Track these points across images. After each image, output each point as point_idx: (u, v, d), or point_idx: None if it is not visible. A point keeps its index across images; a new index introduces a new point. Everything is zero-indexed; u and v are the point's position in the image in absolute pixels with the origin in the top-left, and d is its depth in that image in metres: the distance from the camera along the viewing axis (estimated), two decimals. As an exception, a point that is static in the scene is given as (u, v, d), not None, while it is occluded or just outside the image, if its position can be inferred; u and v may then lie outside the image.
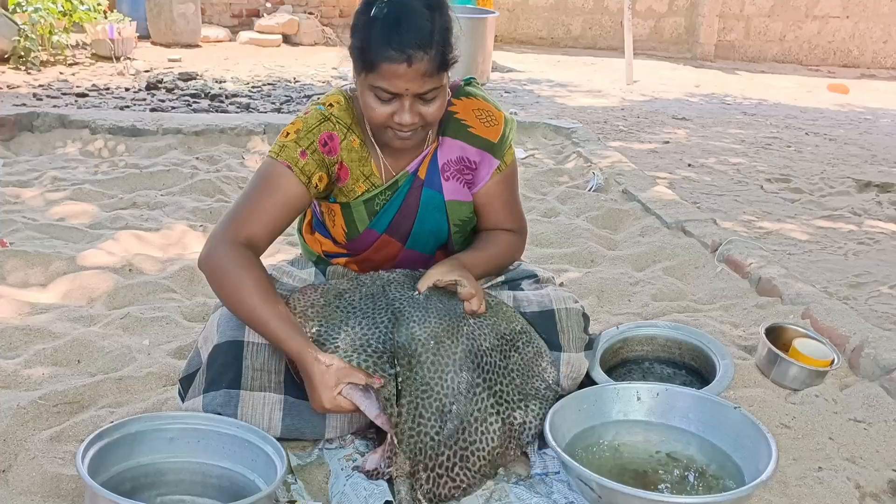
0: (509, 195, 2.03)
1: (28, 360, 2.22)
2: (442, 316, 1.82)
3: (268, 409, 1.81)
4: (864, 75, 10.53)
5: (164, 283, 2.77)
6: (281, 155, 1.84)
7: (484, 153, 1.95)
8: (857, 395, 2.22)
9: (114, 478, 1.63)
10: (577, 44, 10.64)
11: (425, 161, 1.93)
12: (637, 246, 3.41)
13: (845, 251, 3.65)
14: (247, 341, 1.81)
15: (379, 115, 1.75)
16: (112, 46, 7.54)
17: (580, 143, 4.99)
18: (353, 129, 1.88)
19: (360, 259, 2.02)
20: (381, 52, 1.66)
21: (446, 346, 1.78)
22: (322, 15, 10.11)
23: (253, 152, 4.62)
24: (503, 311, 1.91)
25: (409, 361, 1.73)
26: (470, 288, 1.84)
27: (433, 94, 1.74)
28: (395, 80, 1.68)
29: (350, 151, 1.88)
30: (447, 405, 1.72)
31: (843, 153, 5.76)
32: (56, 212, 3.44)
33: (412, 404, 1.69)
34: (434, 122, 1.82)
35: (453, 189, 1.96)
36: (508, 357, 1.85)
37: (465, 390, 1.76)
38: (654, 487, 1.78)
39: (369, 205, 1.92)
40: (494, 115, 1.95)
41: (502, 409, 1.79)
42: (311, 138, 1.85)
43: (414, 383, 1.71)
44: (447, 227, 1.98)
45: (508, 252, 2.03)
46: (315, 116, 1.87)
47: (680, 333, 2.33)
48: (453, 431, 1.71)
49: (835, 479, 1.85)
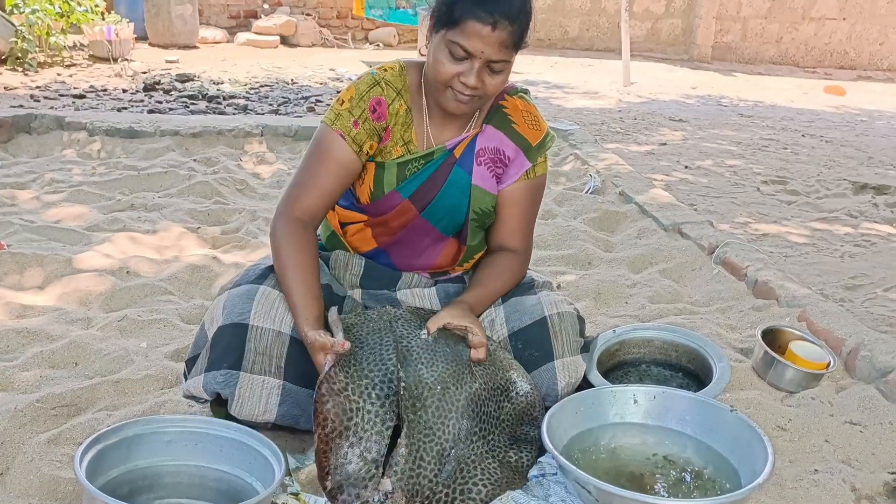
0: (529, 207, 2.07)
1: (25, 363, 2.22)
2: (449, 361, 1.84)
3: (265, 393, 1.82)
4: (861, 77, 10.56)
5: (161, 285, 2.77)
6: (336, 123, 1.92)
7: (519, 152, 2.01)
8: (853, 398, 2.23)
9: (111, 481, 1.63)
10: (574, 45, 10.66)
11: (464, 142, 1.99)
12: (634, 248, 3.42)
13: (841, 253, 3.66)
14: (251, 325, 1.82)
15: (446, 72, 1.81)
16: (109, 48, 7.54)
17: (577, 145, 5.00)
18: (403, 94, 1.95)
19: (376, 223, 2.04)
20: (471, 11, 1.75)
21: (451, 393, 1.79)
22: (320, 16, 10.11)
23: (250, 154, 4.63)
24: (500, 360, 1.93)
25: (415, 404, 1.74)
26: (481, 337, 1.87)
27: (502, 66, 1.82)
28: (475, 40, 1.76)
29: (395, 115, 1.95)
30: (447, 450, 1.74)
31: (839, 155, 5.77)
32: (53, 214, 3.44)
33: (414, 447, 1.70)
34: (492, 95, 1.90)
35: (482, 175, 2.01)
36: (501, 408, 1.88)
37: (465, 437, 1.78)
38: (651, 490, 1.79)
39: (401, 169, 1.98)
40: (539, 122, 2.04)
41: (496, 453, 1.82)
42: (363, 106, 1.92)
43: (418, 426, 1.73)
44: (466, 210, 2.01)
45: (512, 280, 2.06)
46: (366, 81, 1.95)
47: (676, 336, 2.34)
48: (451, 473, 1.73)
49: (831, 481, 1.86)
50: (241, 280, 1.94)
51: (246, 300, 1.86)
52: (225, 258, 3.04)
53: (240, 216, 3.59)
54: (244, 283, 1.92)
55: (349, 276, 2.09)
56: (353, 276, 2.09)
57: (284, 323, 1.85)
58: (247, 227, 3.44)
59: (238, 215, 3.60)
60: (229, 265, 2.96)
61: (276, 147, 4.75)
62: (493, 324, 2.01)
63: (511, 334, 1.99)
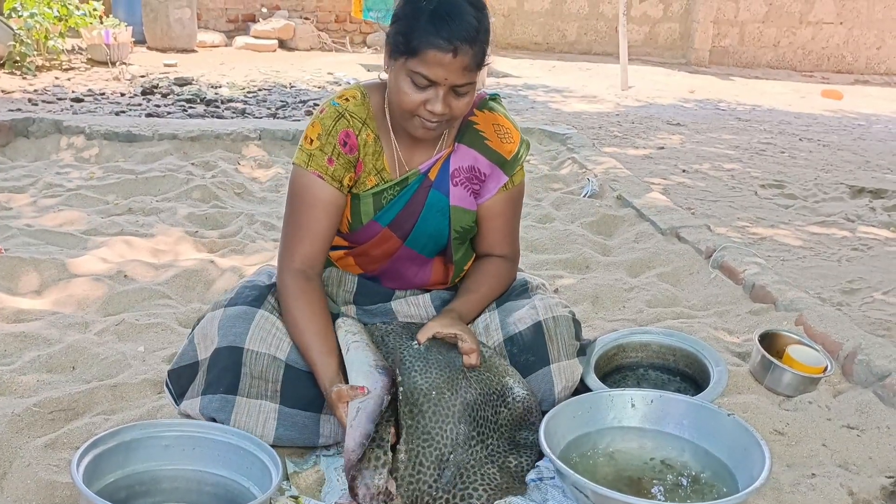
0: (511, 216, 2.06)
1: (22, 367, 2.22)
2: (442, 368, 1.84)
3: (262, 418, 1.82)
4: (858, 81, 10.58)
5: (158, 289, 2.77)
6: (311, 165, 1.90)
7: (495, 167, 1.99)
8: (850, 402, 2.23)
9: (109, 486, 1.63)
10: (572, 49, 10.68)
11: (437, 164, 1.97)
12: (631, 252, 3.42)
13: (839, 257, 3.66)
14: (247, 348, 1.82)
15: (410, 101, 1.79)
16: (108, 51, 7.54)
17: (575, 149, 5.00)
18: (368, 123, 1.93)
19: (359, 252, 2.04)
20: (429, 40, 1.73)
21: (447, 398, 1.80)
22: (318, 20, 10.12)
23: (248, 158, 4.63)
24: (495, 365, 1.93)
25: (411, 410, 1.75)
26: (471, 343, 1.86)
27: (466, 88, 1.80)
28: (436, 69, 1.74)
29: (364, 146, 1.93)
30: (446, 454, 1.75)
31: (836, 159, 5.78)
32: (51, 218, 3.44)
33: (413, 452, 1.71)
34: (460, 116, 1.87)
35: (460, 195, 1.99)
36: (499, 413, 1.88)
37: (463, 442, 1.78)
38: (649, 494, 1.79)
39: (377, 198, 1.96)
40: (512, 134, 2.01)
41: (496, 458, 1.82)
42: (333, 141, 1.90)
43: (416, 432, 1.73)
44: (448, 231, 2.00)
45: (501, 285, 2.06)
46: (330, 115, 1.91)
47: (674, 340, 2.34)
48: (450, 478, 1.73)
49: (828, 485, 1.86)
50: (236, 299, 1.92)
51: (242, 323, 1.86)
52: (222, 262, 3.04)
53: (238, 220, 3.59)
54: (240, 302, 1.90)
55: (343, 293, 2.09)
56: (346, 294, 2.09)
57: (280, 349, 1.85)
58: (245, 231, 3.44)
59: (236, 219, 3.60)
60: (227, 269, 2.95)
61: (275, 151, 4.75)
62: (487, 329, 2.01)
63: (506, 339, 1.99)
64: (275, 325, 1.87)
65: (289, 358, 1.85)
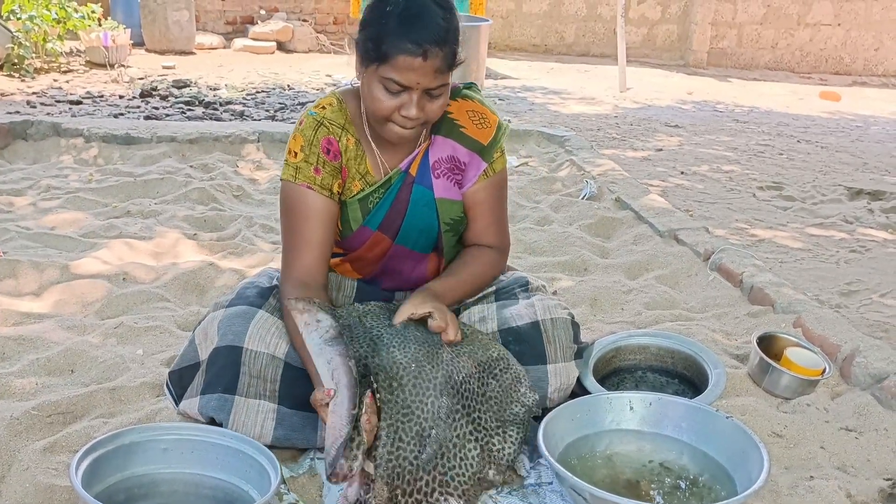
0: (495, 203, 2.05)
1: (21, 370, 2.22)
2: (421, 343, 1.83)
3: (260, 418, 1.82)
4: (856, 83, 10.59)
5: (157, 291, 2.77)
6: (298, 178, 1.90)
7: (473, 154, 1.98)
8: (849, 404, 2.23)
9: (107, 489, 1.64)
10: (570, 51, 10.68)
11: (417, 159, 1.97)
12: (630, 254, 3.42)
13: (837, 259, 3.66)
14: (245, 348, 1.83)
15: (384, 108, 1.78)
16: (106, 54, 7.54)
17: (573, 151, 5.01)
18: (347, 128, 1.93)
19: (354, 257, 2.04)
20: (398, 45, 1.71)
21: (426, 371, 1.77)
22: (316, 22, 10.12)
23: (247, 160, 4.63)
24: (479, 339, 1.93)
25: (391, 384, 1.73)
26: (440, 321, 1.84)
27: (440, 90, 1.79)
28: (408, 73, 1.73)
29: (346, 151, 1.92)
30: (427, 429, 1.72)
31: (834, 161, 5.79)
32: (50, 220, 3.44)
33: (392, 427, 1.68)
34: (435, 118, 1.86)
35: (444, 187, 1.99)
36: (486, 384, 1.86)
37: (445, 416, 1.76)
38: (647, 497, 1.79)
39: (363, 203, 1.96)
40: (488, 118, 1.99)
41: (480, 436, 1.80)
42: (316, 151, 1.90)
43: (395, 406, 1.71)
44: (437, 224, 2.00)
45: (486, 272, 2.04)
46: (309, 125, 1.91)
47: (672, 342, 2.34)
48: (432, 456, 1.70)
49: (826, 487, 1.86)
50: (236, 299, 1.93)
51: (242, 322, 1.86)
52: (221, 264, 3.04)
53: (236, 222, 3.59)
54: (241, 302, 1.91)
55: (341, 298, 2.09)
56: (345, 298, 2.09)
57: (279, 348, 1.85)
58: (243, 234, 3.44)
59: (235, 221, 3.60)
60: (226, 271, 2.95)
61: (273, 153, 4.75)
62: (483, 320, 2.02)
63: (501, 330, 1.99)
64: (275, 324, 1.87)
65: (288, 356, 1.85)
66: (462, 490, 1.71)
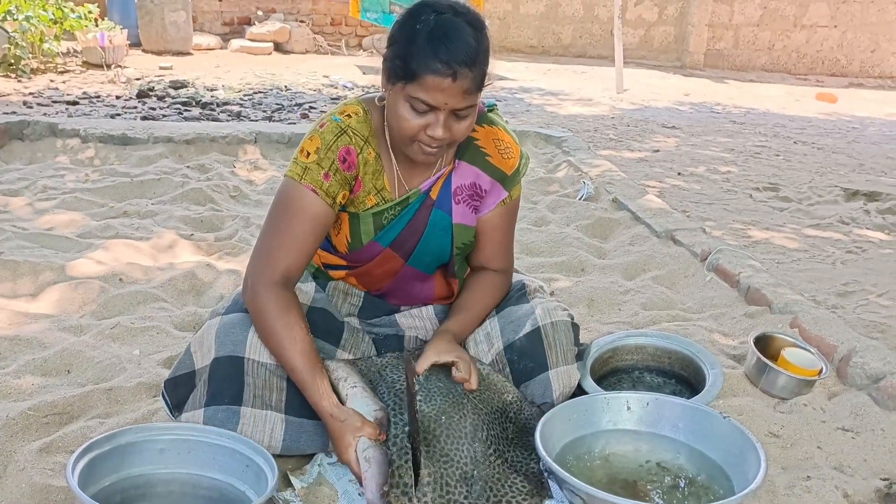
0: (507, 229, 2.05)
1: (17, 370, 2.21)
2: (445, 394, 1.84)
3: (269, 427, 1.81)
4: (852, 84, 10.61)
5: (154, 292, 2.76)
6: (305, 178, 1.83)
7: (496, 183, 1.97)
8: (845, 404, 2.23)
9: (104, 489, 1.63)
10: (567, 52, 10.69)
11: (439, 182, 1.93)
12: (627, 255, 3.43)
13: (833, 260, 3.67)
14: (247, 358, 1.80)
15: (410, 127, 1.74)
16: (103, 54, 7.53)
17: (570, 152, 5.01)
18: (370, 141, 1.87)
19: (360, 272, 2.01)
20: (427, 65, 1.66)
21: (456, 421, 1.79)
22: (314, 23, 10.13)
23: (244, 161, 4.62)
24: (493, 385, 1.94)
25: (425, 437, 1.74)
26: (464, 372, 1.84)
27: (467, 111, 1.75)
28: (436, 94, 1.68)
29: (365, 164, 1.87)
30: (469, 472, 1.73)
31: (831, 162, 5.80)
32: (46, 221, 3.43)
33: (437, 475, 1.69)
34: (461, 139, 1.82)
35: (462, 213, 1.96)
36: (506, 428, 1.89)
37: (482, 459, 1.78)
38: (644, 497, 1.79)
39: (377, 218, 1.92)
40: (512, 149, 1.97)
41: (519, 468, 1.82)
42: (332, 157, 1.83)
43: (434, 456, 1.72)
44: (451, 248, 1.99)
45: (496, 299, 2.05)
46: (331, 130, 1.85)
47: (669, 343, 2.34)
48: (481, 492, 1.72)
49: (823, 487, 1.86)
50: (232, 306, 1.90)
51: (240, 331, 1.84)
52: (218, 265, 3.03)
53: (233, 223, 3.58)
54: (237, 309, 1.88)
55: (347, 306, 2.08)
56: (351, 307, 2.08)
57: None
58: (240, 234, 3.43)
59: (232, 222, 3.60)
60: (223, 272, 2.95)
61: (270, 154, 4.75)
62: (489, 337, 2.01)
63: (506, 347, 1.99)
64: None
65: None
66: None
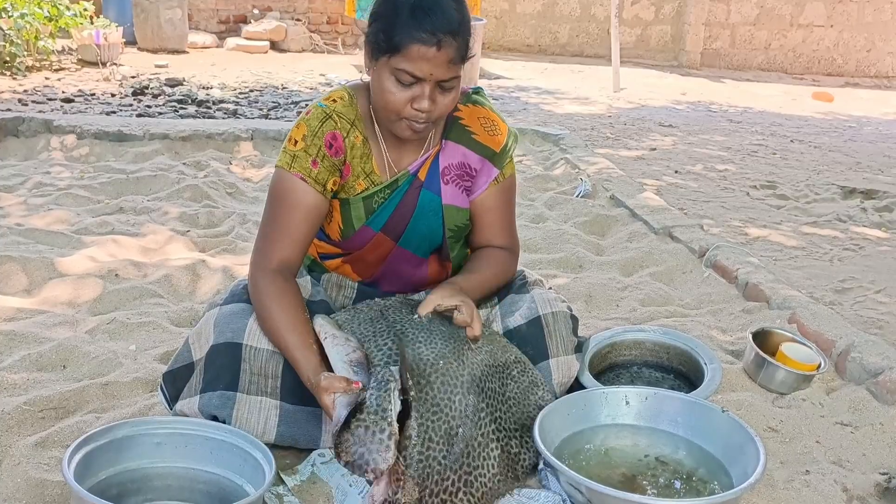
0: (505, 208, 2.04)
1: (12, 366, 2.20)
2: (447, 338, 1.81)
3: (263, 415, 1.80)
4: (849, 84, 10.63)
5: (150, 288, 2.75)
6: (293, 167, 1.84)
7: (485, 161, 1.97)
8: (844, 399, 2.23)
9: (100, 483, 1.62)
10: (564, 51, 10.69)
11: (426, 163, 1.94)
12: (625, 251, 3.42)
13: (831, 257, 3.67)
14: (245, 344, 1.80)
15: (396, 101, 1.75)
16: (98, 52, 7.51)
17: (568, 150, 5.01)
18: (356, 124, 1.88)
19: (354, 259, 2.02)
20: (412, 35, 1.69)
21: (454, 368, 1.76)
22: (310, 21, 10.11)
23: (240, 158, 4.61)
24: (497, 341, 1.92)
25: (419, 382, 1.70)
26: (466, 315, 1.82)
27: (452, 83, 1.77)
28: (421, 64, 1.71)
29: (353, 148, 1.88)
30: (454, 427, 1.70)
31: (827, 160, 5.80)
32: (41, 217, 3.41)
33: (423, 427, 1.66)
34: (445, 113, 1.83)
35: (452, 193, 1.96)
36: (506, 385, 1.85)
37: (471, 413, 1.74)
38: (643, 491, 1.78)
39: (368, 202, 1.93)
40: (498, 126, 1.98)
41: (501, 436, 1.79)
42: (318, 143, 1.85)
43: (424, 405, 1.68)
44: (442, 231, 1.98)
45: (503, 273, 2.03)
46: (317, 116, 1.86)
47: (668, 338, 2.34)
48: (458, 455, 1.69)
49: (822, 482, 1.86)
50: (231, 297, 1.90)
51: (239, 319, 1.84)
52: (214, 261, 3.02)
53: (229, 219, 3.57)
54: (235, 300, 1.88)
55: (341, 298, 2.08)
56: (345, 299, 2.08)
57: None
58: (236, 231, 3.42)
59: (228, 218, 3.59)
60: (218, 268, 2.94)
61: (266, 151, 4.74)
62: (489, 324, 2.01)
63: (505, 333, 1.99)
64: None
65: None
66: (483, 492, 1.70)
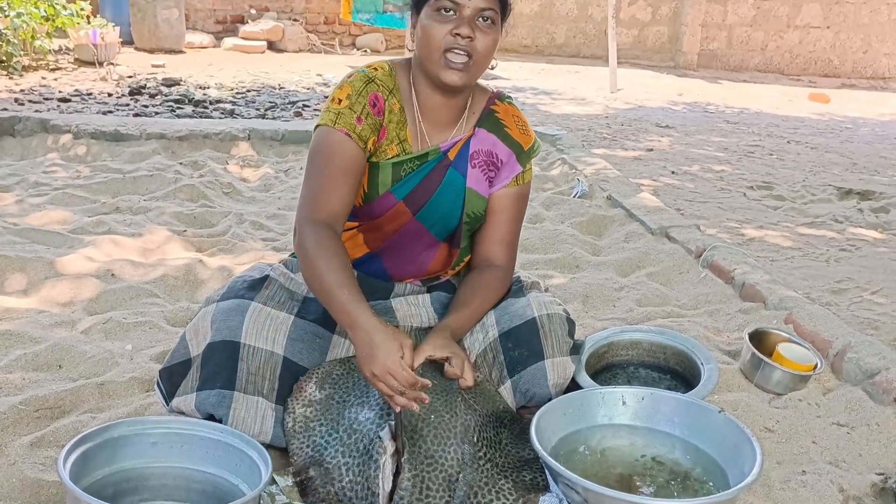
0: (515, 215, 2.07)
1: (8, 365, 2.19)
2: (438, 392, 1.82)
3: (260, 414, 1.80)
4: (845, 85, 10.65)
5: (146, 287, 2.74)
6: (339, 123, 1.87)
7: (512, 155, 2.03)
8: (840, 399, 2.24)
9: (96, 483, 1.61)
10: (561, 52, 10.70)
11: (458, 145, 1.99)
12: (621, 252, 3.42)
13: (827, 257, 3.67)
14: (243, 343, 1.80)
15: (438, 34, 1.81)
16: (95, 52, 7.50)
17: (565, 150, 5.01)
18: (395, 93, 1.94)
19: (369, 227, 2.01)
20: None
21: (446, 420, 1.77)
22: (307, 21, 10.10)
23: (237, 158, 4.61)
24: (486, 390, 1.93)
25: (412, 436, 1.71)
26: (457, 368, 1.83)
27: (490, 20, 1.83)
28: None
29: (390, 113, 1.93)
30: (454, 475, 1.71)
31: (824, 161, 5.81)
32: (37, 217, 3.41)
33: (417, 478, 1.67)
34: (483, 59, 1.87)
35: (476, 178, 2.01)
36: (500, 433, 1.87)
37: (470, 461, 1.75)
38: (639, 491, 1.78)
39: (396, 169, 1.95)
40: (528, 128, 2.08)
41: (508, 474, 1.79)
42: (363, 101, 1.89)
43: (418, 457, 1.69)
44: (460, 214, 2.01)
45: (495, 298, 2.04)
46: (360, 78, 1.92)
47: (665, 338, 2.33)
48: (463, 499, 1.69)
49: (818, 482, 1.86)
50: (228, 293, 1.90)
51: (236, 315, 1.83)
52: (211, 261, 3.02)
53: (226, 219, 3.57)
54: (232, 296, 1.88)
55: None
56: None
57: (277, 343, 1.83)
58: (233, 231, 3.42)
59: (224, 218, 3.58)
60: (215, 268, 2.93)
61: (264, 151, 4.73)
62: (483, 326, 2.01)
63: (501, 334, 1.98)
64: (269, 316, 1.85)
65: (286, 350, 1.83)
66: None
